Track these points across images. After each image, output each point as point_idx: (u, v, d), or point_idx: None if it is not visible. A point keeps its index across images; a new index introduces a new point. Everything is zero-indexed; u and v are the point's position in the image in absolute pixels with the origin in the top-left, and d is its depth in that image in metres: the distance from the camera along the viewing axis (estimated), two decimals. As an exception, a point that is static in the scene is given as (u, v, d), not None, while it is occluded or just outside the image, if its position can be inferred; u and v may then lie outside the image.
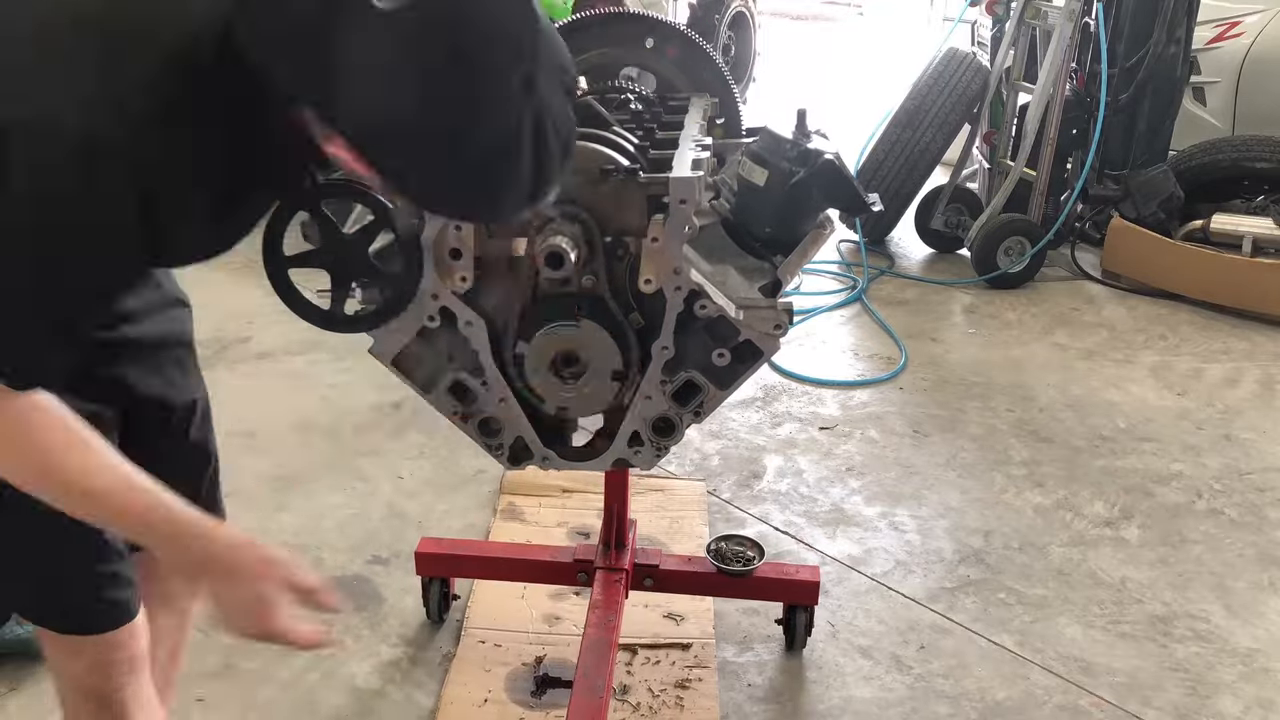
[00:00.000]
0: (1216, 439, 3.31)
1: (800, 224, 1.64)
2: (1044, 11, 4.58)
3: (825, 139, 1.65)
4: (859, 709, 2.16)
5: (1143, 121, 4.57)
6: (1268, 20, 5.18)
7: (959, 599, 2.50)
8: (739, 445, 3.18)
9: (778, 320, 1.59)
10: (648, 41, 2.04)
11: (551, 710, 2.09)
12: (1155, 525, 2.83)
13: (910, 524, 2.80)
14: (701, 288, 1.55)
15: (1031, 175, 4.63)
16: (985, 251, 4.59)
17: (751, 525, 2.78)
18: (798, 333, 4.02)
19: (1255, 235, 4.34)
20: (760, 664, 2.28)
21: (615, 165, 1.50)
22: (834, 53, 10.64)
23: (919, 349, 3.93)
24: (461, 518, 2.77)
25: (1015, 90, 4.81)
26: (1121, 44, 4.45)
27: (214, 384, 3.46)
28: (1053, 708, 2.18)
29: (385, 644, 2.30)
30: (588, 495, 2.84)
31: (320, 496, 2.83)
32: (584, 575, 2.19)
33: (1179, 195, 4.52)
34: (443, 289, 1.59)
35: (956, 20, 5.45)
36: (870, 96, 8.04)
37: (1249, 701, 2.21)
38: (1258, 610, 2.51)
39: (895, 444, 3.22)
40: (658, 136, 1.76)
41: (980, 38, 5.68)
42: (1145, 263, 4.54)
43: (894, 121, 4.92)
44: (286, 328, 3.84)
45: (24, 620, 2.15)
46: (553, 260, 1.47)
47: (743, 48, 8.70)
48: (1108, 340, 4.08)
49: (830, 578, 2.54)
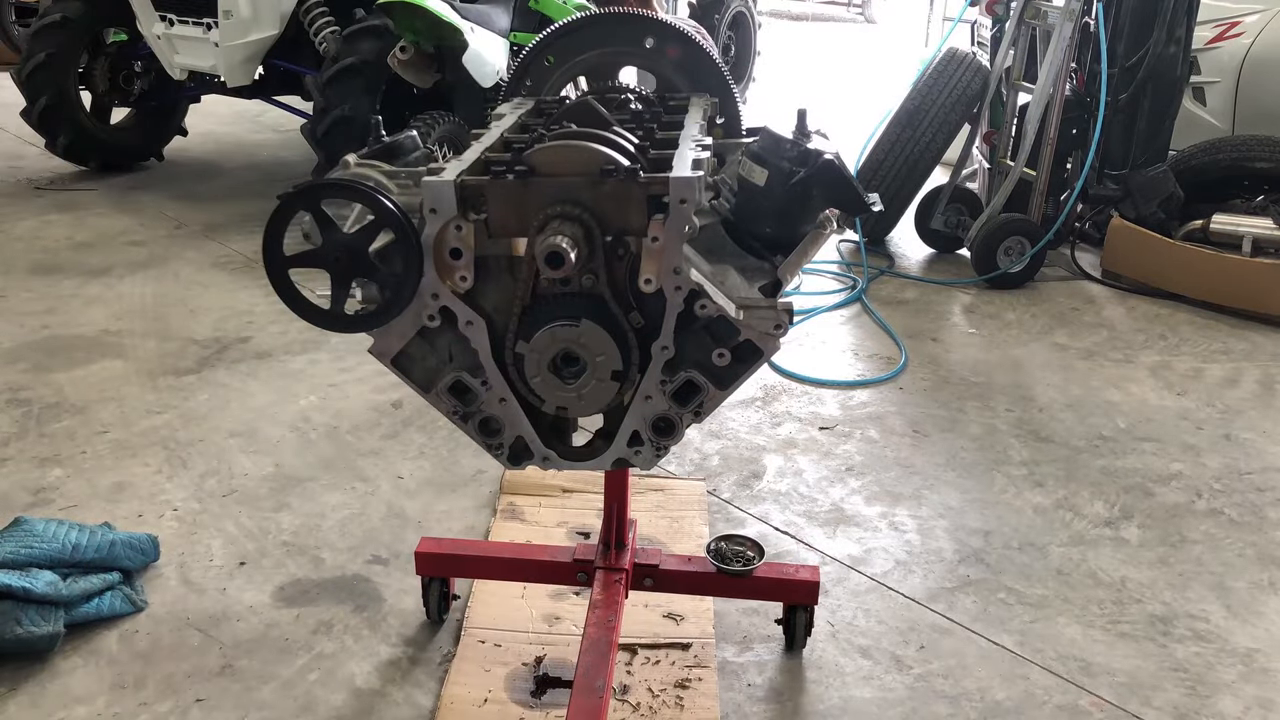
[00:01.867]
0: (1216, 439, 3.31)
1: (800, 224, 1.64)
2: (1044, 11, 4.58)
3: (825, 139, 1.65)
4: (859, 709, 2.16)
5: (1143, 121, 4.57)
6: (1268, 20, 5.18)
7: (959, 599, 2.50)
8: (739, 445, 3.18)
9: (778, 320, 1.59)
10: (647, 41, 2.04)
11: (551, 710, 2.09)
12: (1155, 525, 2.83)
13: (910, 524, 2.80)
14: (701, 287, 1.55)
15: (1031, 175, 4.63)
16: (985, 251, 4.59)
17: (751, 525, 2.78)
18: (798, 333, 4.03)
19: (1255, 235, 4.34)
20: (760, 664, 2.28)
21: (615, 165, 1.50)
22: (834, 53, 10.66)
23: (919, 349, 3.93)
24: (461, 518, 2.77)
25: (1015, 90, 4.81)
26: (1121, 44, 4.45)
27: (214, 384, 3.46)
28: (1053, 708, 2.18)
29: (385, 644, 2.30)
30: (588, 495, 2.84)
31: (320, 496, 2.83)
32: (584, 575, 2.19)
33: (1179, 195, 4.53)
34: (443, 288, 1.59)
35: (956, 20, 5.45)
36: (870, 96, 8.07)
37: (1249, 701, 2.21)
38: (1258, 610, 2.51)
39: (895, 444, 3.22)
40: (658, 136, 1.76)
41: (980, 38, 5.69)
42: (1145, 263, 4.55)
43: (894, 121, 4.93)
44: (286, 328, 3.85)
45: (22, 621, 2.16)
46: (553, 260, 1.47)
47: (743, 48, 8.71)
48: (1108, 340, 4.08)
49: (830, 578, 2.54)
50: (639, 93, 2.03)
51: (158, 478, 2.89)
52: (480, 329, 1.62)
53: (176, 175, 5.95)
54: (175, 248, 4.74)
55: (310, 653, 2.26)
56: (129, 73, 5.74)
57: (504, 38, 5.17)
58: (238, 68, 5.22)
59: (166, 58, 5.36)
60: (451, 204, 1.52)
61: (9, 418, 3.17)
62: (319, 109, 4.74)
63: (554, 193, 1.51)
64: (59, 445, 3.03)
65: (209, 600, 2.41)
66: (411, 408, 3.27)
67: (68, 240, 4.78)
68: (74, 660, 2.20)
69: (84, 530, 2.40)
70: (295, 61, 5.38)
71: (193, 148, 6.32)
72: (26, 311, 3.97)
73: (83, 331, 3.82)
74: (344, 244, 1.56)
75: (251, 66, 5.36)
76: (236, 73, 5.24)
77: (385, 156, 1.71)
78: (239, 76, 5.28)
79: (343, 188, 1.54)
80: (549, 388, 1.62)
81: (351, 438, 3.14)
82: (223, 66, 5.20)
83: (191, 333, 3.83)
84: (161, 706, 2.09)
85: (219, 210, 5.25)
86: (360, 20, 4.78)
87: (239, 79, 5.30)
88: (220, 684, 2.16)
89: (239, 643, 2.28)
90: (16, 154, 6.19)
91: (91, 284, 4.27)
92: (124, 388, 3.39)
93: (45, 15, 5.45)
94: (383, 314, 1.59)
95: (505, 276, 1.60)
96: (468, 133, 1.81)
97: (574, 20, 2.06)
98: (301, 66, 5.33)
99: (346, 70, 4.65)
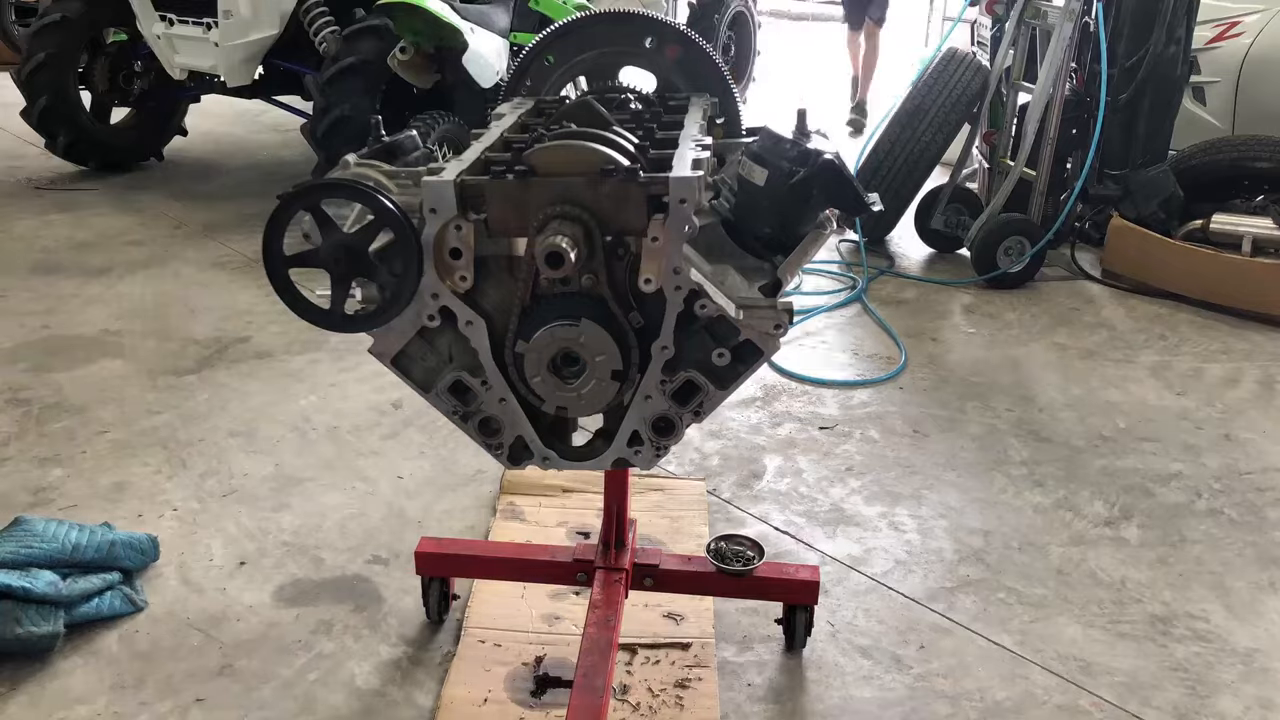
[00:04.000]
0: (1216, 439, 3.31)
1: (800, 224, 1.64)
2: (1044, 11, 4.58)
3: (825, 139, 1.65)
4: (859, 709, 2.16)
5: (1143, 121, 4.57)
6: (1268, 20, 5.18)
7: (959, 599, 2.50)
8: (739, 445, 3.18)
9: (777, 320, 1.59)
10: (647, 41, 2.04)
11: (551, 710, 2.09)
12: (1155, 525, 2.83)
13: (910, 524, 2.80)
14: (701, 287, 1.55)
15: (1031, 175, 4.63)
16: (985, 251, 4.59)
17: (751, 525, 2.78)
18: (797, 332, 4.03)
19: (1255, 235, 4.34)
20: (760, 664, 2.28)
21: (615, 165, 1.50)
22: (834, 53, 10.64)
23: (919, 349, 3.93)
24: (461, 518, 2.77)
25: (1015, 90, 4.81)
26: (1121, 44, 4.45)
27: (214, 384, 3.46)
28: (1052, 708, 2.18)
29: (385, 644, 2.30)
30: (588, 495, 2.84)
31: (320, 496, 2.83)
32: (584, 575, 2.19)
33: (1179, 195, 4.53)
34: (443, 288, 1.59)
35: (956, 20, 5.45)
36: (870, 96, 8.06)
37: (1249, 701, 2.21)
38: (1257, 610, 2.51)
39: (895, 444, 3.22)
40: (658, 136, 1.76)
41: (980, 38, 5.69)
42: (1145, 263, 4.55)
43: (894, 121, 4.93)
44: (286, 328, 3.85)
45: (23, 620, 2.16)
46: (552, 260, 1.47)
47: (743, 48, 8.71)
48: (1108, 340, 4.08)
49: (830, 577, 2.54)
50: (639, 92, 2.03)
51: (157, 478, 2.89)
52: (480, 329, 1.62)
53: (176, 175, 5.95)
54: (175, 248, 4.74)
55: (310, 653, 2.26)
56: (129, 73, 5.74)
57: (504, 38, 5.17)
58: (238, 68, 5.23)
59: (166, 58, 5.36)
60: (451, 204, 1.52)
61: (9, 418, 3.17)
62: (319, 109, 4.74)
63: (554, 193, 1.51)
64: (59, 445, 3.03)
65: (209, 600, 2.41)
66: (411, 408, 3.27)
67: (68, 240, 4.78)
68: (74, 660, 2.20)
69: (84, 530, 2.40)
70: (295, 61, 5.38)
71: (193, 148, 6.32)
72: (26, 311, 3.97)
73: (83, 331, 3.82)
74: (344, 244, 1.56)
75: (251, 66, 5.36)
76: (236, 73, 5.24)
77: (385, 156, 1.71)
78: (239, 76, 5.28)
79: (342, 187, 1.54)
80: (549, 388, 1.62)
81: (351, 438, 3.13)
82: (223, 66, 5.20)
83: (191, 333, 3.83)
84: (161, 706, 2.09)
85: (219, 210, 5.25)
86: (360, 20, 4.78)
87: (239, 79, 5.30)
88: (220, 684, 2.16)
89: (239, 643, 2.28)
90: (16, 154, 6.19)
91: (91, 284, 4.27)
92: (124, 388, 3.39)
93: (45, 15, 5.45)
94: (382, 314, 1.59)
95: (505, 276, 1.60)
96: (468, 133, 1.81)
97: (574, 20, 2.06)
98: (301, 66, 5.33)
99: (346, 70, 4.66)
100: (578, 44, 2.07)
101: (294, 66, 5.42)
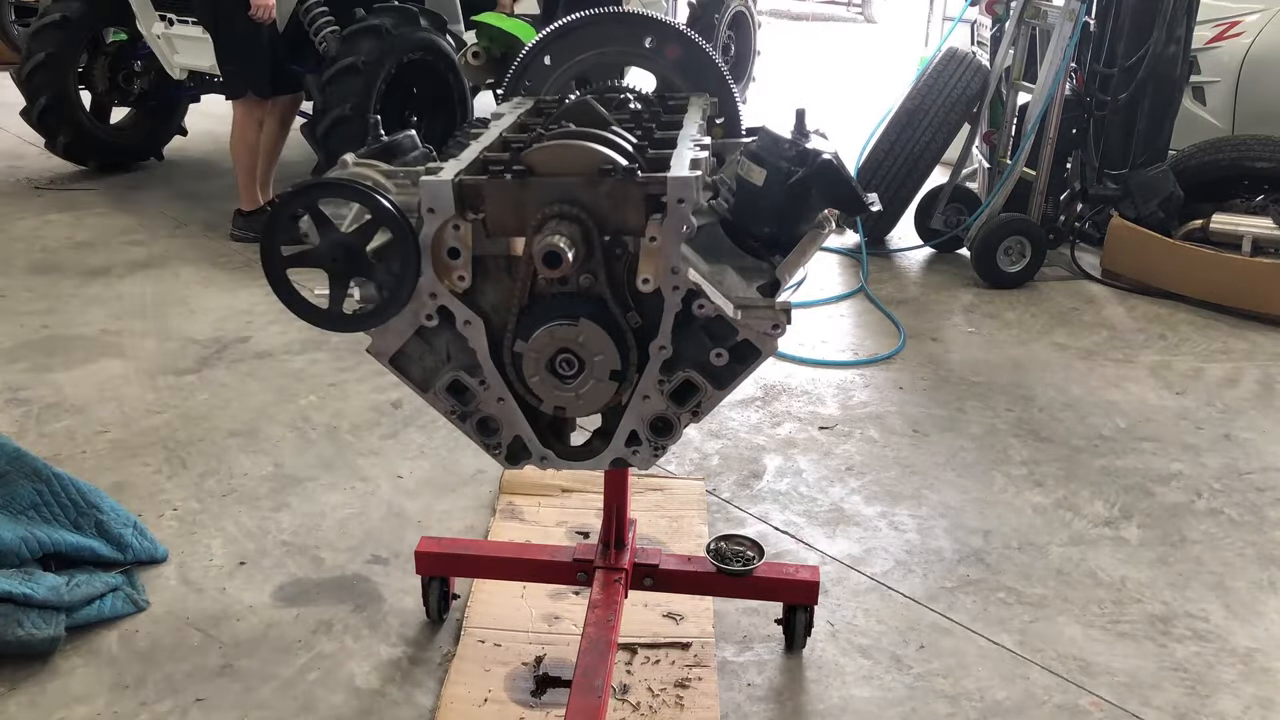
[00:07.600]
0: (1216, 439, 3.31)
1: (798, 224, 1.64)
2: (1044, 11, 4.58)
3: (824, 139, 1.65)
4: (859, 708, 2.16)
5: (1142, 121, 4.57)
6: (1268, 20, 5.18)
7: (959, 598, 2.50)
8: (739, 445, 3.18)
9: (775, 320, 1.58)
10: (647, 41, 2.04)
11: (551, 710, 2.09)
12: (1155, 525, 2.83)
13: (910, 523, 2.80)
14: (699, 287, 1.55)
15: (1031, 175, 4.63)
16: (985, 251, 4.59)
17: (751, 525, 2.78)
18: (797, 332, 4.03)
19: (1255, 235, 4.34)
20: (760, 663, 2.28)
21: (613, 165, 1.50)
22: (834, 53, 10.65)
23: (919, 348, 3.93)
24: (461, 517, 2.77)
25: (1015, 90, 4.81)
26: (1121, 44, 4.45)
27: (214, 384, 3.46)
28: (1052, 707, 2.18)
29: (385, 644, 2.30)
30: (587, 495, 2.84)
31: (320, 496, 2.83)
32: (583, 575, 2.19)
33: (1179, 195, 4.52)
34: (441, 288, 1.59)
35: (956, 20, 5.46)
36: (870, 96, 8.07)
37: (1249, 701, 2.21)
38: (1257, 610, 2.50)
39: (895, 444, 3.22)
40: (656, 136, 1.76)
41: (980, 37, 5.69)
42: (1145, 263, 4.54)
43: (894, 121, 4.92)
44: (286, 327, 3.86)
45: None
46: (550, 259, 1.47)
47: (743, 47, 8.70)
48: (1107, 340, 4.08)
49: (830, 577, 2.54)
50: (638, 92, 2.03)
51: (157, 477, 2.89)
52: (478, 328, 1.62)
53: (176, 175, 5.95)
54: (175, 248, 4.74)
55: (310, 652, 2.26)
56: (129, 72, 5.74)
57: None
58: (237, 68, 5.21)
59: (166, 57, 5.36)
60: (449, 203, 1.52)
61: (9, 418, 3.17)
62: (319, 109, 4.74)
63: (552, 192, 1.51)
64: (59, 445, 3.03)
65: (209, 600, 2.41)
66: (411, 407, 3.27)
67: (68, 240, 4.78)
68: (74, 660, 2.20)
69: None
70: (295, 61, 5.38)
71: (193, 148, 6.32)
72: (26, 311, 3.97)
73: (82, 331, 3.82)
74: (342, 243, 1.56)
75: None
76: (236, 73, 5.23)
77: (384, 156, 1.71)
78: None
79: (340, 187, 1.53)
80: (547, 387, 1.62)
81: (351, 437, 3.14)
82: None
83: (191, 332, 3.83)
84: (161, 706, 2.09)
85: (219, 210, 5.24)
86: (360, 20, 4.78)
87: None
88: (220, 684, 2.16)
89: (239, 642, 2.28)
90: (16, 154, 6.19)
91: (91, 284, 4.27)
92: (124, 387, 3.39)
93: (45, 15, 5.45)
94: (381, 313, 1.59)
95: (503, 276, 1.60)
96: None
97: (573, 20, 2.06)
98: (302, 66, 5.33)
99: (346, 70, 4.66)
100: (577, 44, 2.07)
101: (294, 67, 5.42)
